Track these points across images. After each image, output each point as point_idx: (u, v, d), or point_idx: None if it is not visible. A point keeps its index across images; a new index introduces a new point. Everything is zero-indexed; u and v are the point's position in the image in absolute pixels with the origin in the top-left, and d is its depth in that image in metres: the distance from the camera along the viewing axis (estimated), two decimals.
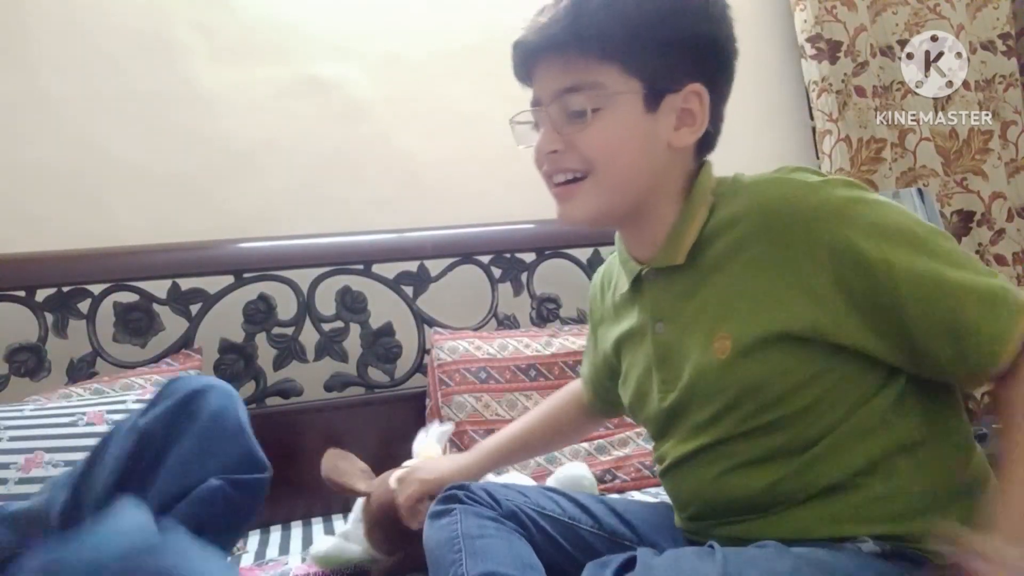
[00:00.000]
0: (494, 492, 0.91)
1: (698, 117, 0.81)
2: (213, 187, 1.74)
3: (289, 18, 1.83)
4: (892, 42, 2.18)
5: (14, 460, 1.12)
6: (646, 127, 0.80)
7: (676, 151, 0.82)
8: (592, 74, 0.79)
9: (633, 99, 0.79)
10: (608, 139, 0.80)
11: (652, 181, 0.82)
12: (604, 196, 0.83)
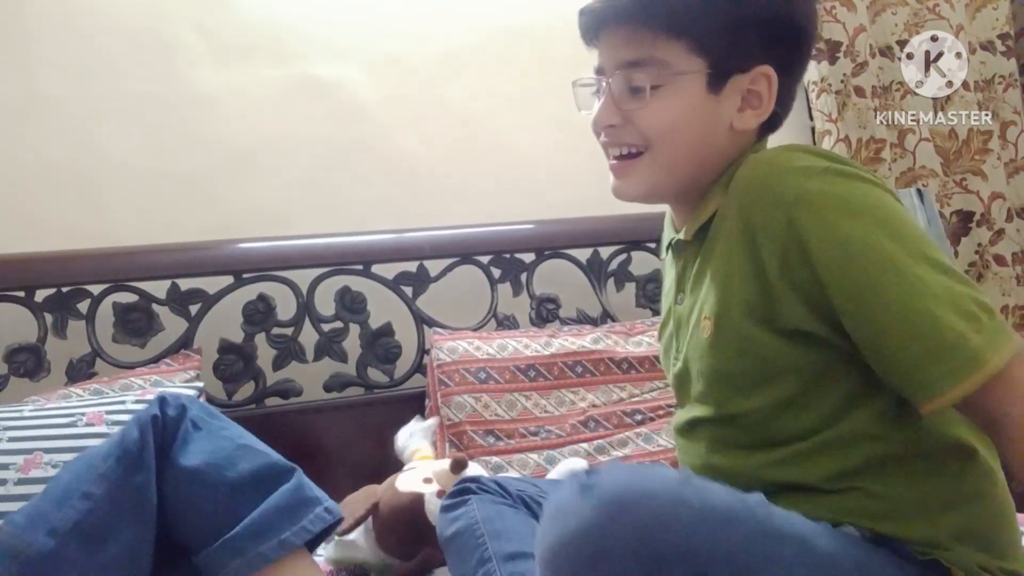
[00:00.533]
0: (504, 483, 0.92)
1: (764, 100, 0.79)
2: (212, 187, 1.74)
3: (289, 18, 1.82)
4: (892, 42, 2.18)
5: (13, 461, 1.12)
6: (708, 108, 0.78)
7: (738, 133, 0.80)
8: (658, 49, 0.78)
9: (697, 79, 0.77)
10: (667, 118, 0.79)
11: (710, 161, 0.81)
12: (659, 175, 0.82)
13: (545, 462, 1.45)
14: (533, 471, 1.43)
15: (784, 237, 0.70)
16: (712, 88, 0.78)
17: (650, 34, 0.78)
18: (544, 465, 1.44)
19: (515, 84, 1.94)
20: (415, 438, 1.37)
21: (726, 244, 0.76)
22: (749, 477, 0.76)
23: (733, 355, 0.75)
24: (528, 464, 1.45)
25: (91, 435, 1.18)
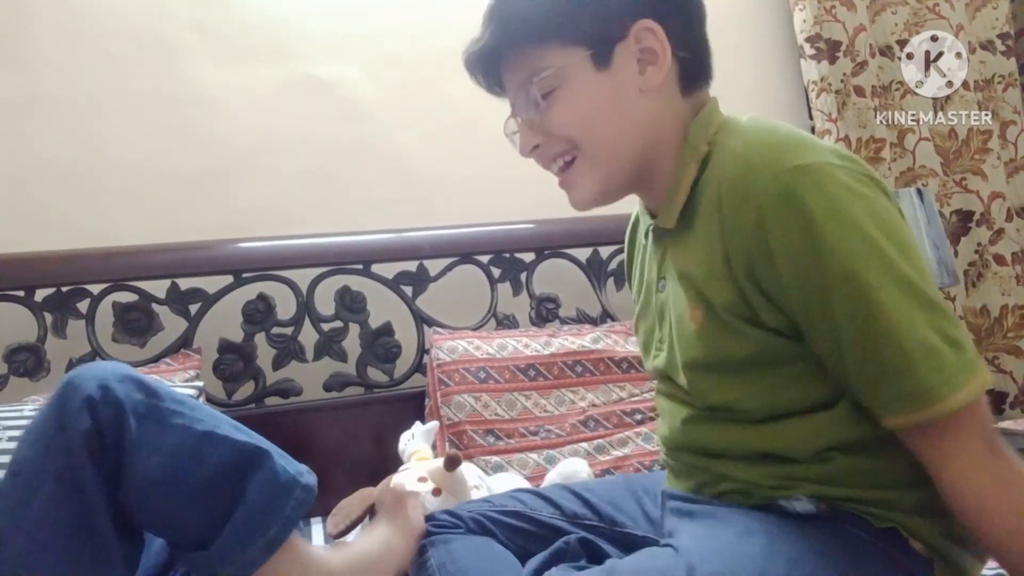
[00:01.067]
0: (456, 511, 0.92)
1: (659, 52, 0.78)
2: (212, 187, 1.74)
3: (289, 18, 1.83)
4: (891, 42, 2.19)
5: None
6: (607, 85, 0.78)
7: (653, 94, 0.78)
8: (536, 60, 0.78)
9: (581, 65, 0.77)
10: (574, 113, 0.78)
11: (643, 136, 0.79)
12: (600, 169, 0.80)
13: (545, 462, 1.45)
14: (533, 471, 1.44)
15: (750, 239, 0.68)
16: (599, 66, 0.77)
17: (523, 53, 0.79)
18: (544, 465, 1.44)
19: None
20: (415, 440, 1.37)
21: (706, 232, 0.74)
22: (728, 444, 0.77)
23: (725, 346, 0.74)
24: (528, 464, 1.45)
25: None
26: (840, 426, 0.71)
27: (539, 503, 0.93)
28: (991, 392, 2.09)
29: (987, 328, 2.11)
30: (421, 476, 1.18)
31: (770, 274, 0.68)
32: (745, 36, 2.20)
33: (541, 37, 0.78)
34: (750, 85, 2.18)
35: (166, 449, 0.73)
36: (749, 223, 0.68)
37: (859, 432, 0.71)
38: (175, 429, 0.74)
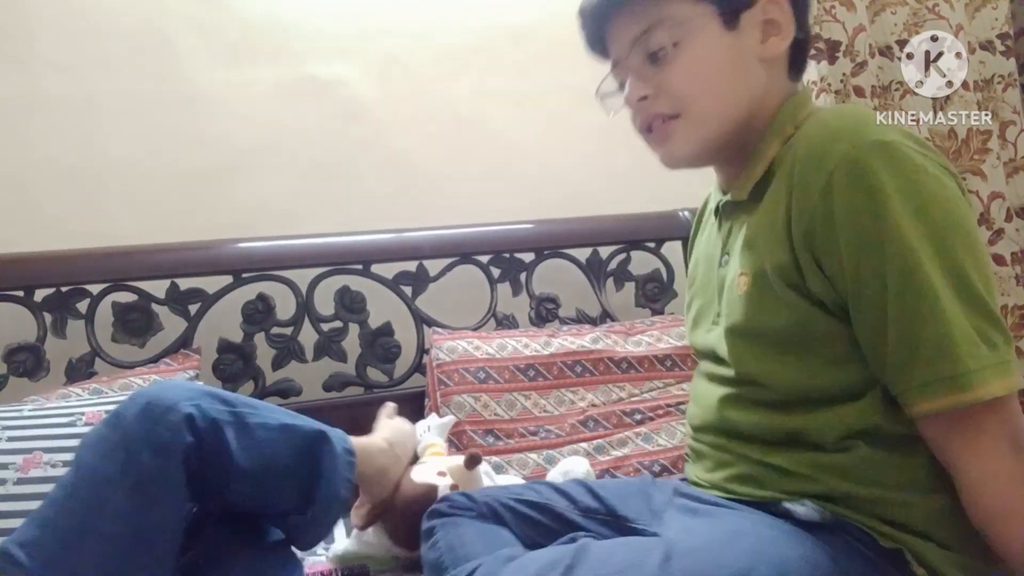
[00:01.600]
0: (472, 494, 0.93)
1: (783, 24, 0.79)
2: (212, 187, 1.74)
3: (289, 18, 1.83)
4: (891, 42, 2.18)
5: (13, 460, 1.12)
6: (732, 46, 0.78)
7: (770, 65, 0.80)
8: (662, 10, 0.78)
9: (710, 22, 0.78)
10: (696, 70, 0.78)
11: (750, 105, 0.80)
12: (702, 129, 0.80)
13: (544, 462, 1.45)
14: (532, 471, 1.44)
15: (816, 203, 0.68)
16: (728, 26, 0.78)
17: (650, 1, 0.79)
18: (544, 465, 1.44)
19: (515, 84, 1.94)
20: (430, 433, 1.37)
21: (774, 198, 0.74)
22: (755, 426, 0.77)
23: (767, 313, 0.74)
24: (528, 464, 1.45)
25: None
26: (867, 417, 0.71)
27: (555, 495, 0.94)
28: None
29: None
30: (441, 471, 1.18)
31: (827, 240, 0.68)
32: None
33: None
34: None
35: (256, 447, 0.87)
36: (819, 186, 0.68)
37: (884, 426, 0.70)
38: (257, 428, 0.88)
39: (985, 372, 0.63)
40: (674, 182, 2.10)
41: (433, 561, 0.86)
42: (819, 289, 0.70)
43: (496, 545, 0.82)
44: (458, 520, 0.89)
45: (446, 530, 0.88)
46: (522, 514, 0.91)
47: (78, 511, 0.78)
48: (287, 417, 0.93)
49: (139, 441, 0.80)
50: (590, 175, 1.98)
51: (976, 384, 0.63)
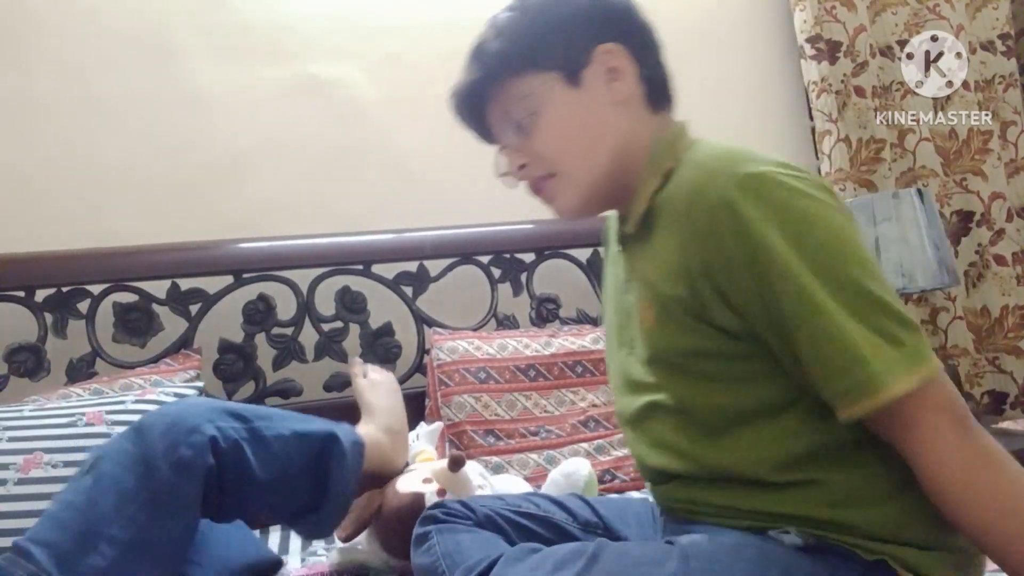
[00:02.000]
0: (469, 502, 0.93)
1: (623, 68, 0.85)
2: (212, 187, 1.74)
3: (289, 18, 1.83)
4: (892, 42, 2.19)
5: (13, 461, 1.12)
6: (581, 101, 0.84)
7: (623, 107, 0.85)
8: (515, 89, 0.86)
9: (556, 85, 0.84)
10: (556, 132, 0.85)
11: (617, 147, 0.85)
12: (578, 182, 0.86)
13: (545, 462, 1.45)
14: (533, 471, 1.43)
15: (707, 243, 0.72)
16: (572, 85, 0.84)
17: (504, 87, 0.86)
18: (544, 465, 1.44)
19: None
20: (420, 441, 1.37)
21: (666, 235, 0.78)
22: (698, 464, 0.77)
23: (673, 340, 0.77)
24: (528, 464, 1.45)
25: (91, 435, 1.18)
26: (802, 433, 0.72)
27: (553, 507, 0.95)
28: (992, 392, 2.09)
29: (987, 328, 2.11)
30: (426, 477, 1.18)
31: (726, 276, 0.71)
32: (745, 36, 2.20)
33: (517, 68, 0.85)
34: (750, 85, 2.18)
35: (273, 460, 0.92)
36: (705, 226, 0.72)
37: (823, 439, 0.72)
38: (272, 441, 0.93)
39: (894, 371, 0.65)
40: None
41: (428, 565, 0.86)
42: (725, 321, 0.73)
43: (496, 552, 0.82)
44: (455, 527, 0.88)
45: (443, 536, 0.88)
46: (522, 526, 0.90)
47: (94, 517, 0.82)
48: (298, 423, 0.98)
49: (160, 457, 0.85)
50: None
51: (888, 384, 0.65)
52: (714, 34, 2.16)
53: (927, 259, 1.70)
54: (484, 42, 0.88)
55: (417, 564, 0.89)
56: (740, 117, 2.14)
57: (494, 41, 0.86)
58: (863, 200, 1.76)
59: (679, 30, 2.18)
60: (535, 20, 0.86)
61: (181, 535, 0.86)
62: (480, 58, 0.88)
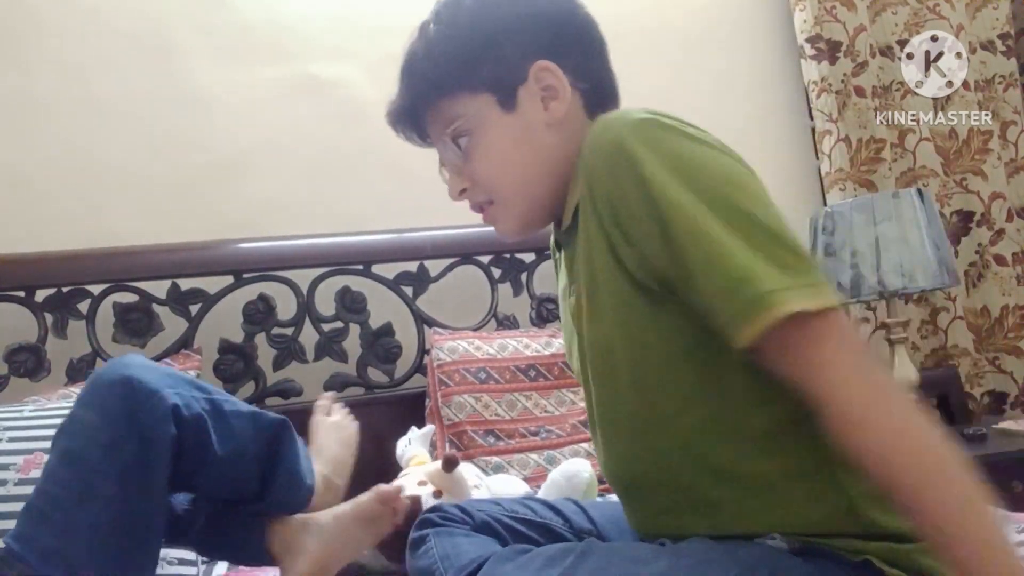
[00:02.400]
0: (466, 507, 0.93)
1: (558, 88, 0.82)
2: (212, 187, 1.74)
3: (289, 18, 1.83)
4: (892, 42, 2.19)
5: (13, 461, 1.12)
6: (516, 125, 0.82)
7: (560, 126, 0.82)
8: (449, 110, 0.83)
9: (490, 109, 0.82)
10: (492, 159, 0.83)
11: (556, 168, 0.83)
12: (516, 208, 0.85)
13: (545, 462, 1.45)
14: (533, 471, 1.43)
15: (609, 192, 0.72)
16: (507, 108, 0.82)
17: (437, 107, 0.84)
18: (544, 465, 1.44)
19: None
20: (412, 445, 1.37)
21: (584, 216, 0.78)
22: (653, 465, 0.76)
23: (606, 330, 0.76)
24: (528, 464, 1.45)
25: None
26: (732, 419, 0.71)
27: (549, 513, 0.94)
28: (992, 392, 2.09)
29: (987, 328, 2.11)
30: (421, 480, 1.18)
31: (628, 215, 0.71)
32: (745, 36, 2.20)
33: (448, 89, 0.83)
34: (750, 85, 2.18)
35: (231, 437, 0.89)
36: (604, 172, 0.72)
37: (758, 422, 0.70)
38: (231, 416, 0.90)
39: (790, 291, 0.63)
40: None
41: (425, 568, 0.86)
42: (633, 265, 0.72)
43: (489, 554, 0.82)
44: (452, 530, 0.88)
45: (440, 539, 0.88)
46: (518, 531, 0.90)
47: (68, 502, 0.79)
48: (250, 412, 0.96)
49: (122, 426, 0.81)
50: None
51: (785, 300, 0.62)
52: (714, 34, 2.16)
53: (927, 259, 1.70)
54: (413, 60, 0.86)
55: (414, 567, 0.88)
56: (740, 117, 2.14)
57: (424, 61, 0.85)
58: (863, 200, 1.76)
59: (679, 30, 2.19)
60: (465, 38, 0.83)
61: (157, 509, 0.83)
62: (411, 79, 0.86)
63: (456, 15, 0.85)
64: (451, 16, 0.85)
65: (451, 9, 0.86)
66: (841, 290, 1.75)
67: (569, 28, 0.85)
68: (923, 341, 2.11)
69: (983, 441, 1.65)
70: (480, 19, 0.83)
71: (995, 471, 1.68)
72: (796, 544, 0.70)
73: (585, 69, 0.85)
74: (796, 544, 0.70)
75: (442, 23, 0.85)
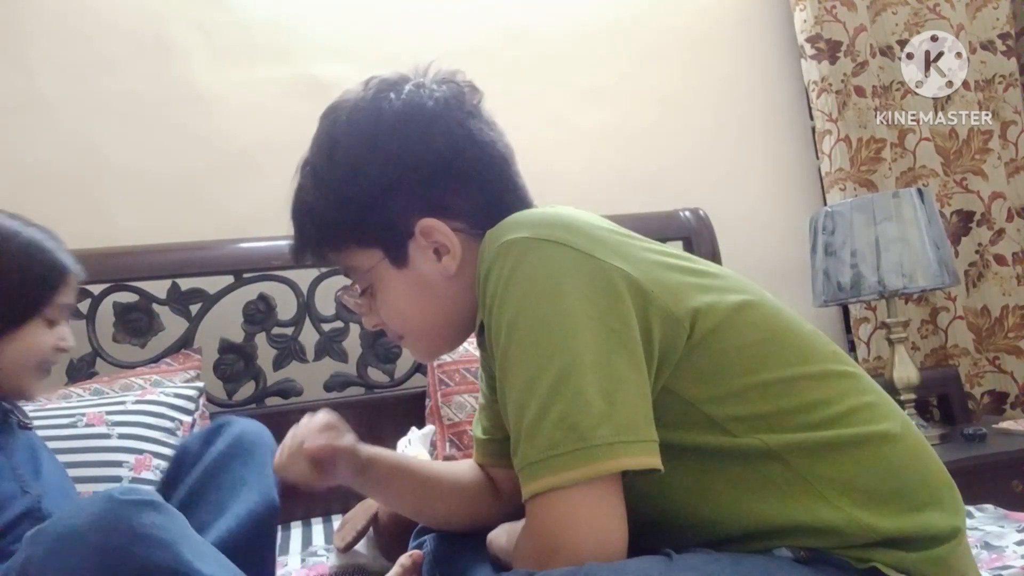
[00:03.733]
0: None
1: (448, 244, 0.76)
2: (213, 187, 1.74)
3: (289, 18, 1.83)
4: (892, 42, 2.19)
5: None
6: (411, 280, 0.78)
7: (459, 272, 0.77)
8: (343, 259, 0.81)
9: (382, 265, 0.78)
10: (394, 309, 0.80)
11: (461, 306, 0.79)
12: (427, 344, 0.84)
13: None
14: None
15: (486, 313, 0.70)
16: (399, 264, 0.78)
17: (326, 255, 0.82)
18: None
19: (515, 84, 1.94)
20: (413, 445, 1.37)
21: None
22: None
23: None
24: None
25: (91, 435, 1.18)
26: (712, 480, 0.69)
27: None
28: (992, 392, 2.09)
29: (987, 328, 2.11)
30: None
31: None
32: (745, 36, 2.20)
33: (336, 244, 0.80)
34: (750, 85, 2.18)
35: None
36: (481, 297, 0.71)
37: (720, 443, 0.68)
38: None
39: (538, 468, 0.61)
40: (674, 183, 2.11)
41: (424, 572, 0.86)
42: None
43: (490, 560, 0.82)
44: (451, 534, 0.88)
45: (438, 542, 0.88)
46: None
47: None
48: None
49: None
50: (589, 176, 1.98)
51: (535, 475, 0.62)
52: (715, 34, 2.16)
53: (927, 259, 1.70)
54: (300, 211, 0.81)
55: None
56: (740, 117, 2.14)
57: (307, 216, 0.80)
58: (863, 200, 1.76)
59: (680, 31, 2.19)
60: (342, 200, 0.77)
61: None
62: (300, 228, 0.82)
63: (333, 173, 0.79)
64: (328, 174, 0.79)
65: (327, 165, 0.80)
66: (841, 290, 1.75)
67: (450, 175, 0.78)
68: (923, 341, 2.11)
69: (983, 441, 1.65)
70: (356, 179, 0.77)
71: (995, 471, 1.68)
72: (801, 552, 0.69)
73: (475, 209, 0.78)
74: (801, 552, 0.69)
75: (319, 181, 0.80)
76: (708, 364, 0.68)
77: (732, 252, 1.93)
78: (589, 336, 0.63)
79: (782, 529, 0.69)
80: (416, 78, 0.87)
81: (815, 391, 0.71)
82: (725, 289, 0.73)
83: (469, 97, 0.84)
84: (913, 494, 0.71)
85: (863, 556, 0.68)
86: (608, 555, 0.61)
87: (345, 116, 0.86)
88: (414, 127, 0.79)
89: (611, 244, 0.71)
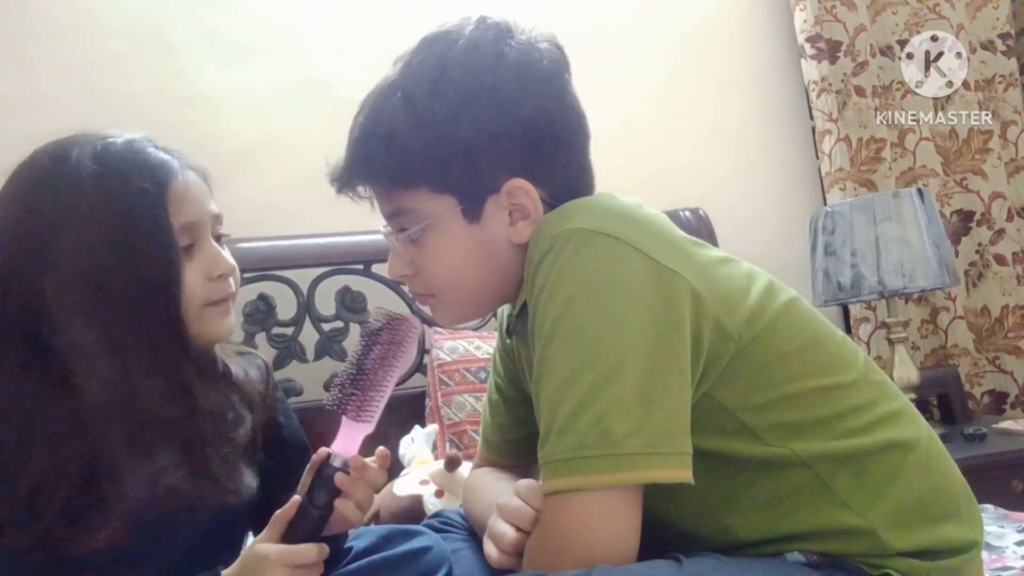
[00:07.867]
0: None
1: (530, 208, 0.73)
2: (213, 187, 1.73)
3: (289, 18, 1.83)
4: (892, 42, 2.19)
5: None
6: (477, 238, 0.74)
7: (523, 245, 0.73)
8: (405, 199, 0.76)
9: (452, 215, 0.74)
10: (443, 262, 0.76)
11: (510, 277, 0.76)
12: (457, 311, 0.80)
13: None
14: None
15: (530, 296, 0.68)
16: (471, 218, 0.74)
17: (387, 189, 0.77)
18: None
19: None
20: (415, 445, 1.38)
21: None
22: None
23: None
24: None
25: None
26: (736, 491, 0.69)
27: None
28: (992, 392, 2.09)
29: (987, 328, 2.11)
30: (423, 479, 1.18)
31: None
32: (745, 36, 2.20)
33: (408, 182, 0.74)
34: (750, 85, 2.18)
35: None
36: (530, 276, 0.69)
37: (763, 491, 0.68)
38: None
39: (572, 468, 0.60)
40: (674, 183, 2.11)
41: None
42: None
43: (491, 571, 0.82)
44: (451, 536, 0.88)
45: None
46: None
47: None
48: None
49: None
50: None
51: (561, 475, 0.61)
52: (714, 34, 2.16)
53: (927, 259, 1.70)
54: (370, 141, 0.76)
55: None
56: (740, 117, 2.14)
57: (383, 146, 0.74)
58: (863, 200, 1.76)
59: (679, 30, 2.18)
60: (438, 138, 0.72)
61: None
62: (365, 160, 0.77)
63: (433, 107, 0.73)
64: (427, 106, 0.73)
65: (428, 96, 0.73)
66: (841, 290, 1.76)
67: (550, 140, 0.75)
68: (923, 341, 2.11)
69: (983, 441, 1.65)
70: (459, 120, 0.72)
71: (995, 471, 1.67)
72: (813, 556, 0.68)
73: (561, 180, 0.76)
74: (813, 556, 0.68)
75: (413, 111, 0.73)
76: (750, 372, 0.67)
77: (732, 252, 1.89)
78: (639, 339, 0.62)
79: (798, 534, 0.68)
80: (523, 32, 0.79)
81: (849, 399, 0.70)
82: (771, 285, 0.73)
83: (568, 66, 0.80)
84: (933, 504, 0.70)
85: (878, 563, 0.68)
86: (617, 562, 0.60)
87: (461, 49, 0.77)
88: (531, 83, 0.74)
89: (668, 241, 0.69)
